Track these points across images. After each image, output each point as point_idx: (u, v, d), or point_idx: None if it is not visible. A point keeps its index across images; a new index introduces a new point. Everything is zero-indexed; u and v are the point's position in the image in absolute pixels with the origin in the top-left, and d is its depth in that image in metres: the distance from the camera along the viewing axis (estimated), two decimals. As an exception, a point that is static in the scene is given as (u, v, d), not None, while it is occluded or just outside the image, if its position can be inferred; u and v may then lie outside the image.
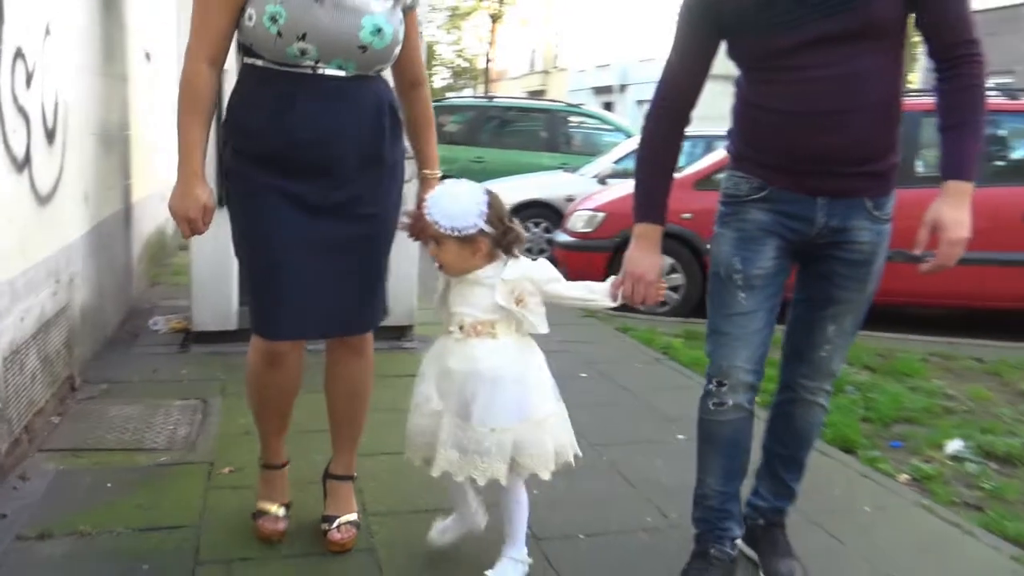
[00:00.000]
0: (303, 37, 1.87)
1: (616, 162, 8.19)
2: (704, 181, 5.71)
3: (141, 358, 3.74)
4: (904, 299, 5.15)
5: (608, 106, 26.86)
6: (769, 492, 2.21)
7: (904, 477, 2.88)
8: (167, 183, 2.17)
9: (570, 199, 7.74)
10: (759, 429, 2.14)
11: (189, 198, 1.92)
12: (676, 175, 6.06)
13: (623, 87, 28.84)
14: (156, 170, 5.53)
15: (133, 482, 2.46)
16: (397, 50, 2.04)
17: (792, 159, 1.91)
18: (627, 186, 6.77)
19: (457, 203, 1.88)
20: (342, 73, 1.95)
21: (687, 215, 5.39)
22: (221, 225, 2.10)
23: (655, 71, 2.04)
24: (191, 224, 1.94)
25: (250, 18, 1.89)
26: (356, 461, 2.31)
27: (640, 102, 28.21)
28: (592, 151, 10.11)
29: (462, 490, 2.08)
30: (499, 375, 1.89)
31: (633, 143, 8.87)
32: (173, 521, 2.23)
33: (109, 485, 2.42)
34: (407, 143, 2.21)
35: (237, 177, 2.01)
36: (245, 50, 1.98)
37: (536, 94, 31.53)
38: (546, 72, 38.52)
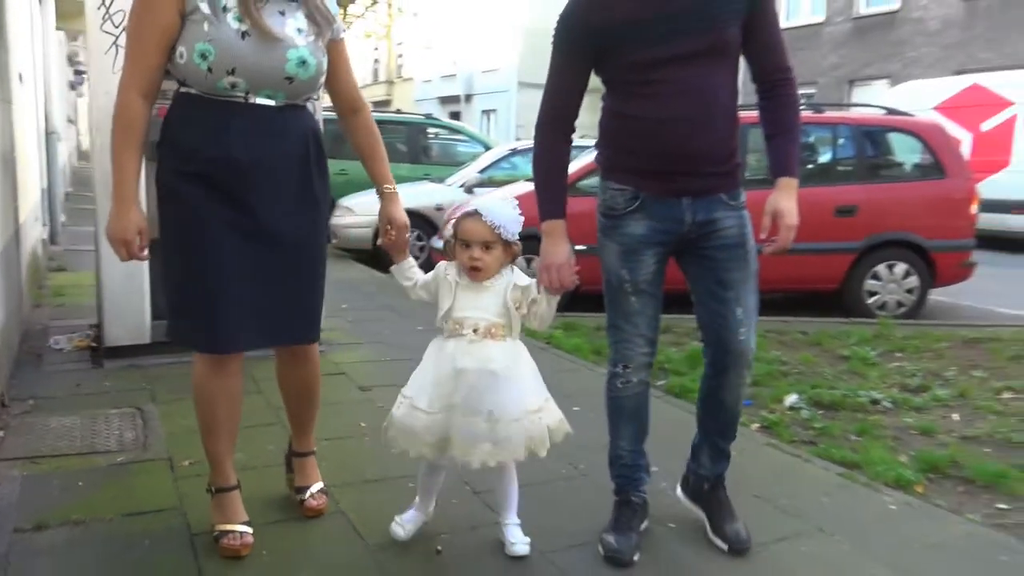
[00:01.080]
0: (232, 72, 2.01)
1: (481, 171, 8.71)
2: (571, 187, 6.31)
3: (57, 375, 3.83)
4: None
5: (455, 116, 27.44)
6: (709, 459, 2.45)
7: (755, 426, 3.54)
8: (36, 203, 2.36)
9: (439, 208, 8.19)
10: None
11: (125, 222, 2.02)
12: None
13: (468, 97, 29.56)
14: (29, 192, 5.48)
15: (101, 479, 2.67)
16: (322, 80, 2.20)
17: (659, 162, 2.17)
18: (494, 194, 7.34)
19: (511, 211, 2.14)
20: (272, 103, 2.09)
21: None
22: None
23: (499, 81, 2.42)
24: (128, 247, 2.04)
25: (181, 56, 2.02)
26: (314, 439, 2.55)
27: (485, 111, 29.03)
28: (450, 162, 10.58)
29: (435, 484, 2.34)
30: (511, 373, 2.15)
31: (494, 154, 9.44)
32: (155, 506, 2.48)
33: (80, 484, 2.62)
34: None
35: (172, 196, 2.09)
36: (179, 82, 2.10)
37: (381, 104, 31.63)
38: (390, 82, 38.65)
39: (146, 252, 2.09)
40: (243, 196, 2.07)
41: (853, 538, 2.44)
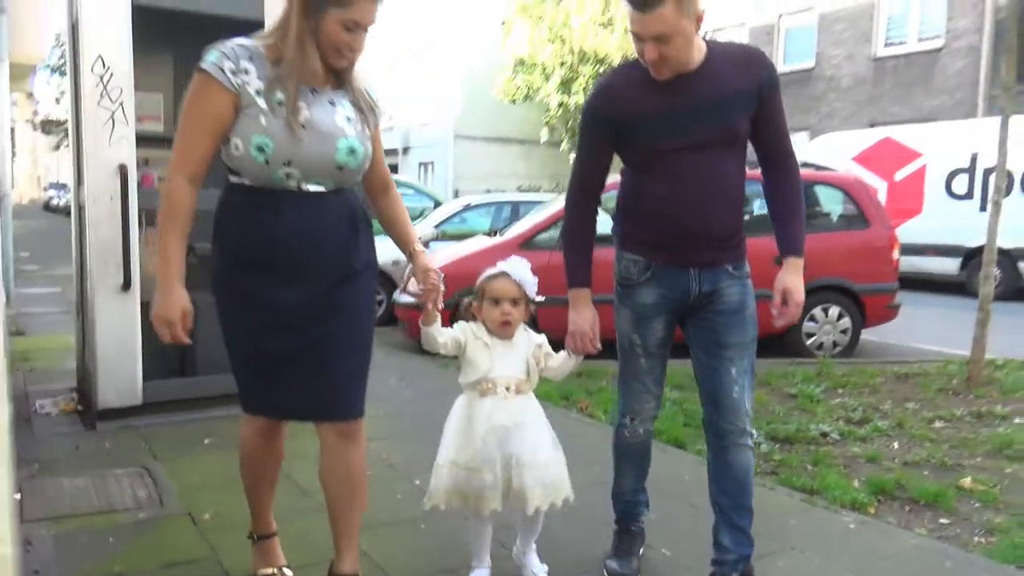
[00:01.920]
0: (288, 163, 2.07)
1: (436, 226, 9.01)
2: (528, 243, 6.68)
3: (53, 438, 3.93)
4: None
5: (393, 168, 27.77)
6: (731, 542, 2.46)
7: (721, 460, 3.88)
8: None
9: (396, 263, 8.43)
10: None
11: (171, 304, 2.06)
12: (500, 239, 7.27)
13: (406, 150, 29.97)
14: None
15: (129, 535, 2.81)
16: (367, 164, 2.25)
17: (671, 236, 2.35)
18: (453, 250, 7.65)
19: (530, 272, 2.39)
20: (322, 189, 2.15)
21: (515, 273, 6.29)
22: (126, 304, 2.32)
23: (436, 134, 2.63)
24: (172, 328, 2.06)
25: (236, 147, 2.06)
26: (357, 558, 2.34)
27: (423, 164, 29.46)
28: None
29: (487, 537, 2.47)
30: (538, 422, 2.39)
31: (449, 209, 9.76)
32: (189, 557, 2.65)
33: (111, 539, 2.77)
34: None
35: (226, 286, 2.18)
36: (231, 171, 2.15)
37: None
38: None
39: (188, 335, 2.11)
40: (294, 277, 2.13)
41: (821, 554, 2.78)
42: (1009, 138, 5.18)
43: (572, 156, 23.28)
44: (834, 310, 6.76)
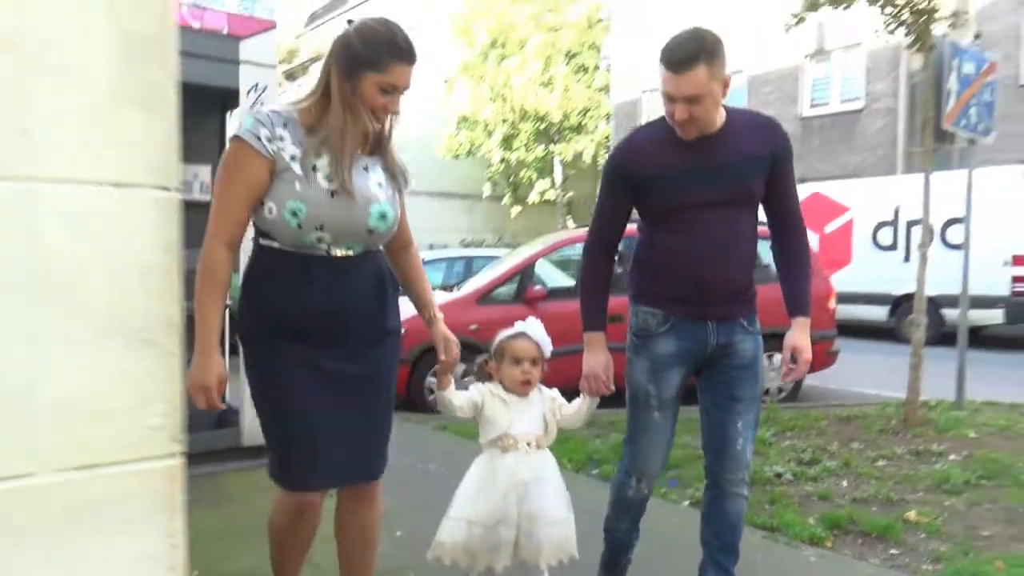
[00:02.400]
0: (321, 227, 2.07)
1: (390, 282, 9.12)
2: (485, 297, 6.86)
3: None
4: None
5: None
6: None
7: (686, 503, 4.07)
8: None
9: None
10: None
11: (207, 370, 2.03)
12: (457, 294, 7.43)
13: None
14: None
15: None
16: (396, 228, 2.26)
17: (687, 290, 2.39)
18: (409, 305, 7.69)
19: (545, 333, 2.48)
20: (351, 252, 2.15)
21: (473, 326, 6.31)
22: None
23: None
24: (207, 394, 2.04)
25: (270, 211, 2.06)
26: None
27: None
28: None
29: None
30: (555, 477, 2.45)
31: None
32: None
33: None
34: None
35: (256, 346, 2.16)
36: (261, 233, 2.15)
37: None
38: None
39: (224, 401, 2.11)
40: (322, 342, 2.13)
41: (788, 586, 2.98)
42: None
43: (514, 210, 23.45)
44: (778, 357, 7.08)
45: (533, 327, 2.50)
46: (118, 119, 0.81)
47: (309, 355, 2.12)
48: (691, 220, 2.38)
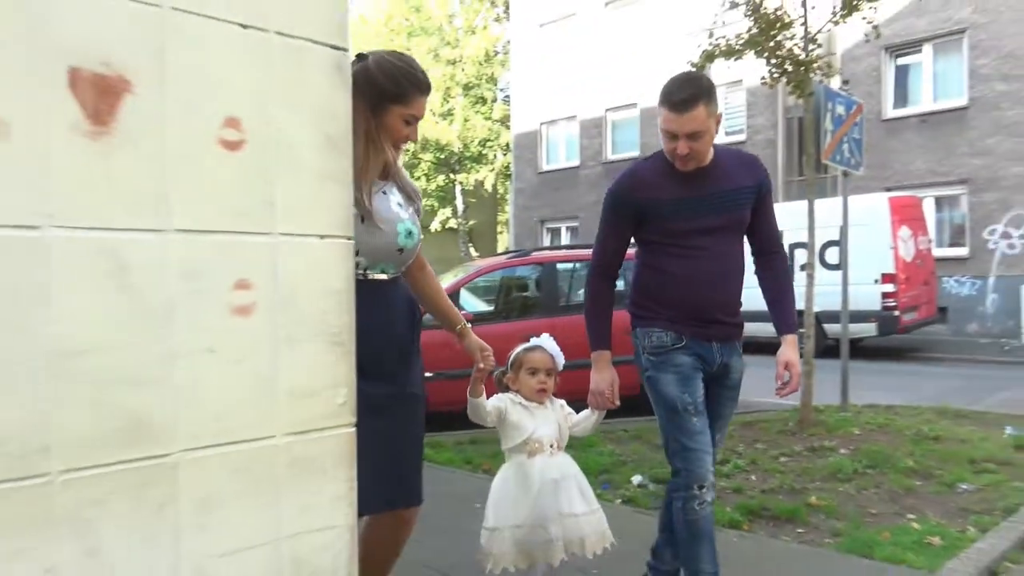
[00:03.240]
0: (356, 252, 2.02)
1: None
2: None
3: None
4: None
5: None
6: (672, 556, 2.77)
7: (619, 501, 4.52)
8: None
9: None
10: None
11: None
12: None
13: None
14: None
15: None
16: (419, 246, 2.32)
17: (692, 310, 2.52)
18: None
19: (557, 347, 2.65)
20: (384, 276, 2.21)
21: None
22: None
23: None
24: None
25: None
26: None
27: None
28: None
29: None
30: (579, 472, 2.61)
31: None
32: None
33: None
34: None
35: None
36: None
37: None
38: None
39: None
40: (369, 367, 2.10)
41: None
42: (805, 217, 6.41)
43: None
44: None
45: (547, 342, 2.67)
46: (323, 191, 1.17)
47: (358, 381, 2.09)
48: (688, 244, 2.54)
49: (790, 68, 6.00)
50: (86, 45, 0.97)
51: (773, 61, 6.07)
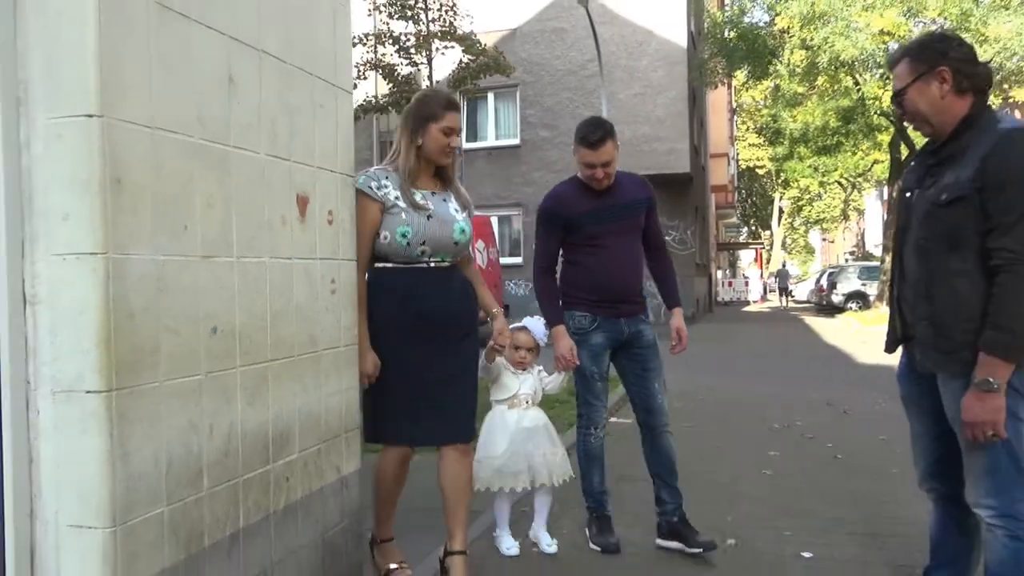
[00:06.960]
0: (423, 243, 2.68)
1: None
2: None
3: None
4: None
5: None
6: (669, 497, 3.27)
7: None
8: None
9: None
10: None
11: (364, 360, 2.67)
12: None
13: None
14: None
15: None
16: (471, 243, 2.85)
17: (605, 295, 3.15)
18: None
19: (542, 327, 3.23)
20: (445, 263, 2.75)
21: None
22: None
23: None
24: (367, 375, 2.68)
25: (385, 238, 2.68)
26: (467, 538, 2.91)
27: None
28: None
29: (507, 510, 3.31)
30: (548, 424, 3.27)
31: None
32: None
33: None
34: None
35: (381, 339, 2.70)
36: (376, 258, 2.73)
37: None
38: None
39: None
40: (435, 334, 2.71)
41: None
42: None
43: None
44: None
45: (533, 324, 3.28)
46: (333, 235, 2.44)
47: (424, 344, 2.70)
48: (604, 246, 3.21)
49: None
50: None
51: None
